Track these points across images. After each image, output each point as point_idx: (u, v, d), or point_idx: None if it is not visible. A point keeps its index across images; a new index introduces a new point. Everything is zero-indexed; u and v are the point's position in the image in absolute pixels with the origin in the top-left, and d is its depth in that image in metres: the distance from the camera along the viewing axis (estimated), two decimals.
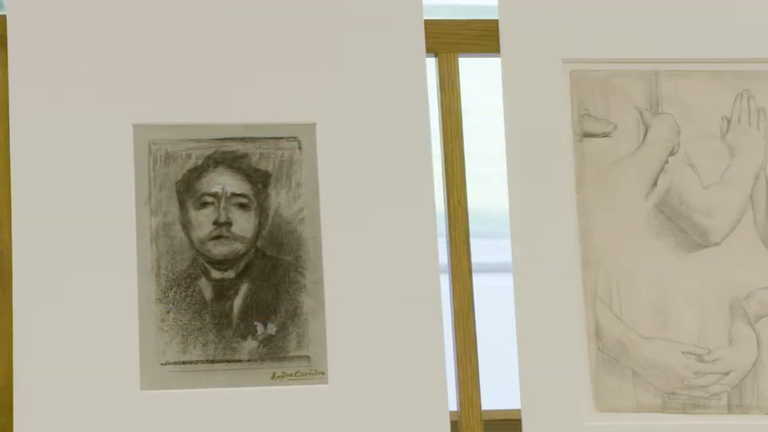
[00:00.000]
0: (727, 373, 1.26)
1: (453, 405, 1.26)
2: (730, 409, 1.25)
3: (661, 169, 1.29)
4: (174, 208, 1.24)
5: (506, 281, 1.29)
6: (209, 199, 1.25)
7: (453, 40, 1.32)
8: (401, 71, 1.28)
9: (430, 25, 1.31)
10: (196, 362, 1.22)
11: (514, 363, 1.26)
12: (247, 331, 1.23)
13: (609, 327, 1.26)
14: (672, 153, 1.30)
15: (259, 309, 1.24)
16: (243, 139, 1.26)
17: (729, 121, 1.30)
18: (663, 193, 1.29)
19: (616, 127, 1.30)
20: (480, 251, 1.37)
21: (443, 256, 1.28)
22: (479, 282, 1.32)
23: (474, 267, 1.30)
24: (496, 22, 1.31)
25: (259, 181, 1.26)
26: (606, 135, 1.30)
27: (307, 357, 1.24)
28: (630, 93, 1.30)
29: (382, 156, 1.27)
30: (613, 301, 1.27)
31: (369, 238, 1.25)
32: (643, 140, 1.30)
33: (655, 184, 1.29)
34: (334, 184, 1.26)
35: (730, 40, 1.30)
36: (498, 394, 1.36)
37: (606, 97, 1.30)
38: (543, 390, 1.24)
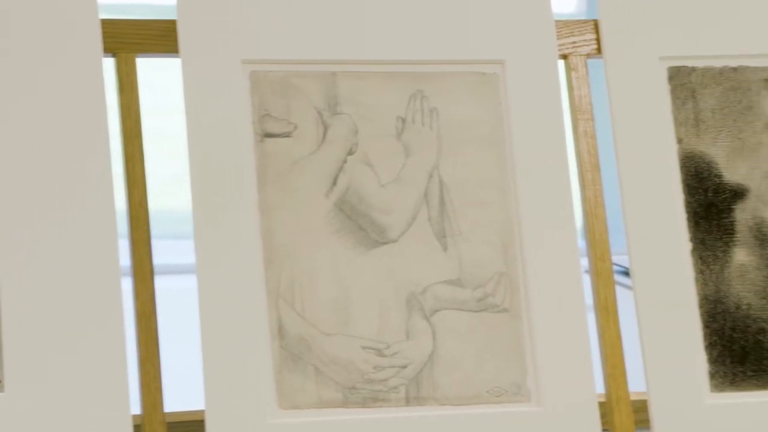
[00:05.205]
0: (404, 367, 1.29)
1: (136, 408, 1.25)
2: (408, 401, 1.28)
3: (341, 169, 1.31)
4: None
5: (191, 282, 1.28)
6: None
7: (131, 40, 1.31)
8: (77, 71, 1.25)
9: (107, 24, 1.29)
10: None
11: (200, 364, 1.26)
12: None
13: (292, 325, 1.28)
14: (350, 152, 1.32)
15: None
16: None
17: (404, 121, 1.33)
18: (342, 191, 1.31)
19: (296, 127, 1.31)
20: (163, 252, 1.36)
21: (125, 258, 1.27)
22: (163, 284, 1.31)
23: (157, 269, 1.29)
24: (175, 22, 1.30)
25: None
26: (286, 135, 1.31)
27: None
28: (309, 93, 1.32)
29: (59, 157, 1.24)
30: (295, 299, 1.28)
31: (47, 242, 1.23)
32: (323, 140, 1.31)
33: (335, 183, 1.31)
34: (9, 186, 1.23)
35: (404, 43, 1.33)
36: (185, 396, 1.36)
37: (286, 97, 1.31)
38: (226, 390, 1.24)
